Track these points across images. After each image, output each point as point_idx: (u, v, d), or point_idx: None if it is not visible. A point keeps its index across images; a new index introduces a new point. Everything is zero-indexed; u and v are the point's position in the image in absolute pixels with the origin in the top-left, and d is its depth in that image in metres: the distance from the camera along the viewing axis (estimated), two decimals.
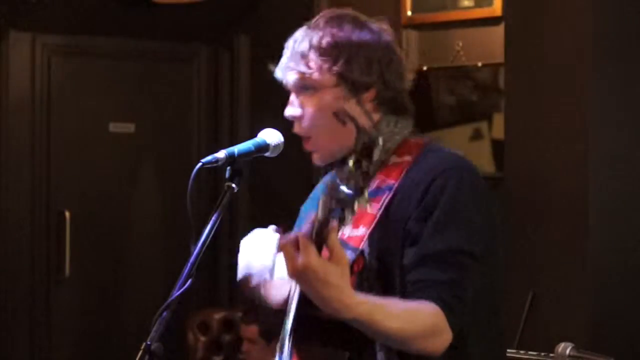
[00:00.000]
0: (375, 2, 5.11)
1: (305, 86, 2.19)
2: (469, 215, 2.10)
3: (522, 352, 3.29)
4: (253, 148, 2.18)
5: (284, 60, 2.21)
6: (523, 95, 4.15)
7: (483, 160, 4.88)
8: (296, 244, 1.88)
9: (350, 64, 2.16)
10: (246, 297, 2.25)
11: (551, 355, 3.04)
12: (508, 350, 3.32)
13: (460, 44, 4.91)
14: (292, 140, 2.30)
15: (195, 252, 2.06)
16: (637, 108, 3.88)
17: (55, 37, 5.78)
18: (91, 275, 5.81)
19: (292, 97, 2.22)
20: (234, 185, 2.13)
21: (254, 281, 2.26)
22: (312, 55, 2.17)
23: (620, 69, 3.87)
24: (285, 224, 2.21)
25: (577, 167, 3.87)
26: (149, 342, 1.94)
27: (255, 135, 2.24)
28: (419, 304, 2.01)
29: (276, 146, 2.23)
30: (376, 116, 2.20)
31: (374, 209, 2.06)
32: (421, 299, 2.02)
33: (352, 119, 1.94)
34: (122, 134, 5.92)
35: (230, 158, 2.13)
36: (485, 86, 4.97)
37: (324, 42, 2.17)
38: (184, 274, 2.03)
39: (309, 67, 2.17)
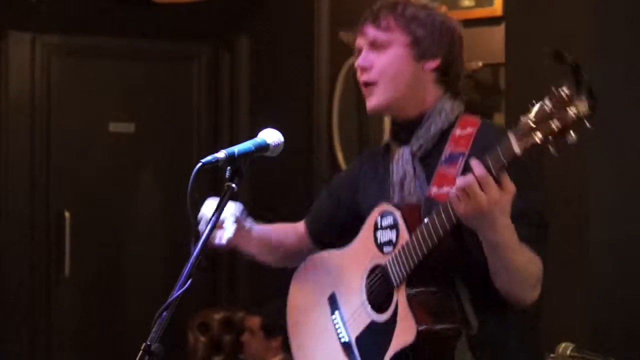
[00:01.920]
0: (376, 2, 5.11)
1: (378, 43, 2.42)
2: (538, 181, 2.32)
3: None
4: (253, 148, 2.19)
5: (361, 24, 2.46)
6: (523, 95, 4.14)
7: None
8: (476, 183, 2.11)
9: (423, 29, 2.42)
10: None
11: (551, 355, 3.04)
12: None
13: None
14: (292, 140, 2.30)
15: (195, 252, 2.06)
16: (638, 108, 3.88)
17: (55, 37, 5.79)
18: (91, 275, 5.81)
19: (365, 51, 2.44)
20: (234, 185, 2.13)
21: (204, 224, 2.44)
22: (391, 17, 2.42)
23: (621, 69, 3.87)
24: None
25: (577, 167, 3.87)
26: (149, 343, 1.94)
27: (255, 135, 2.24)
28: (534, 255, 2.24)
29: (276, 146, 2.23)
30: (437, 91, 2.47)
31: (452, 171, 2.30)
32: None
33: None
34: (122, 134, 5.92)
35: (230, 158, 2.13)
36: (485, 86, 4.97)
37: (403, 9, 2.43)
38: (184, 274, 2.03)
39: (385, 25, 2.41)
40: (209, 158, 2.11)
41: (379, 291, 2.38)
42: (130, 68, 5.96)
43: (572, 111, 2.04)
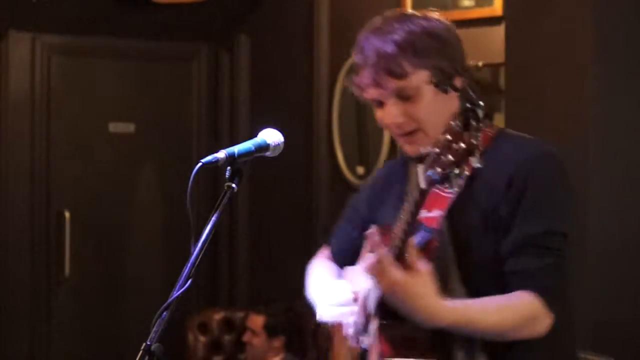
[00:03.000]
0: (376, 2, 5.10)
1: (405, 94, 2.23)
2: (559, 197, 2.19)
3: None
4: (253, 148, 2.18)
5: (370, 73, 2.24)
6: (523, 95, 4.14)
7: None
8: (380, 264, 2.03)
9: (438, 56, 2.24)
10: None
11: None
12: None
13: None
14: (292, 140, 2.30)
15: (195, 252, 2.06)
16: (638, 108, 3.88)
17: (55, 37, 5.78)
18: (91, 275, 5.81)
19: (391, 103, 2.24)
20: (234, 185, 2.13)
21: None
22: (403, 58, 2.21)
23: (621, 68, 3.86)
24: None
25: (577, 167, 3.86)
26: (149, 343, 1.94)
27: (255, 135, 2.24)
28: (512, 296, 2.12)
29: (276, 146, 2.23)
30: (456, 101, 2.23)
31: (448, 192, 2.10)
32: (518, 288, 2.11)
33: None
34: (122, 134, 5.92)
35: (230, 158, 2.13)
36: (485, 86, 4.97)
37: (410, 40, 2.22)
38: (184, 274, 2.03)
39: (404, 73, 2.20)
40: (209, 158, 2.11)
41: (366, 315, 2.28)
42: (130, 68, 5.96)
43: (459, 146, 1.89)
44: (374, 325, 2.20)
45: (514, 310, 2.12)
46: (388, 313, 2.14)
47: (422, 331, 2.11)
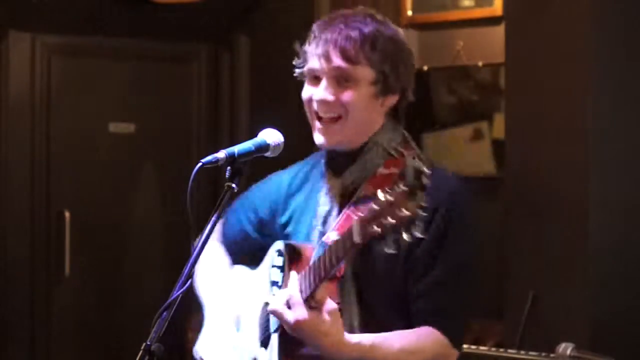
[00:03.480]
0: (376, 2, 5.10)
1: (344, 77, 2.22)
2: (468, 232, 2.20)
3: (522, 352, 3.29)
4: (253, 148, 2.18)
5: (324, 45, 2.23)
6: (523, 95, 4.14)
7: (483, 160, 4.88)
8: (287, 303, 2.07)
9: (390, 65, 2.23)
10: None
11: (552, 355, 3.04)
12: (509, 350, 3.32)
13: (461, 43, 4.91)
14: (292, 140, 2.30)
15: (195, 252, 2.06)
16: (638, 108, 3.88)
17: (55, 37, 5.78)
18: (91, 275, 5.81)
19: (324, 83, 2.24)
20: (234, 185, 2.13)
21: None
22: (364, 48, 2.20)
23: (621, 68, 3.86)
24: None
25: (577, 166, 3.86)
26: (149, 342, 1.94)
27: (255, 135, 2.24)
28: (419, 334, 2.14)
29: (276, 146, 2.23)
30: (380, 121, 2.27)
31: (357, 216, 2.05)
32: (425, 325, 2.14)
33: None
34: (122, 134, 5.92)
35: (230, 158, 2.13)
36: (485, 86, 4.97)
37: (375, 36, 2.21)
38: (184, 274, 2.03)
39: (355, 60, 2.20)
40: (209, 158, 2.11)
41: (266, 328, 2.27)
42: (131, 68, 5.96)
43: (403, 213, 1.84)
44: (274, 343, 2.20)
45: (421, 348, 2.13)
46: (289, 335, 2.14)
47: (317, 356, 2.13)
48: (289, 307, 2.07)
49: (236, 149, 2.15)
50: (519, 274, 4.09)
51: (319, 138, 2.27)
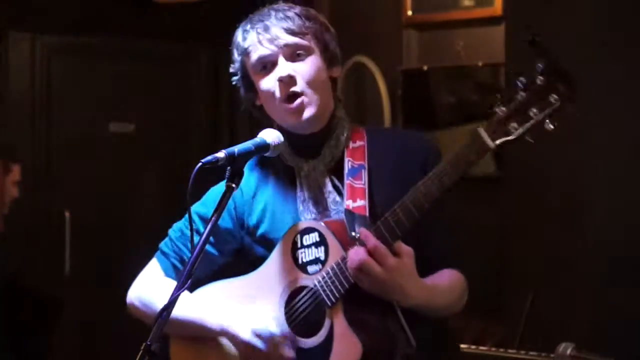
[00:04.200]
0: (376, 2, 5.10)
1: (298, 50, 2.29)
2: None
3: (522, 352, 3.29)
4: (253, 148, 2.19)
5: (264, 31, 2.32)
6: None
7: (483, 160, 4.88)
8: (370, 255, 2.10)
9: (329, 35, 2.35)
10: None
11: (551, 355, 3.04)
12: (509, 350, 3.33)
13: (461, 43, 4.91)
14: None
15: (195, 252, 2.06)
16: (638, 107, 3.88)
17: (55, 37, 5.78)
18: (91, 275, 5.81)
19: (282, 61, 2.30)
20: (234, 185, 2.13)
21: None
22: (303, 21, 2.30)
23: (620, 68, 3.87)
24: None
25: (577, 167, 3.87)
26: (149, 342, 1.94)
27: (255, 136, 2.24)
28: (451, 275, 2.29)
29: (276, 146, 2.23)
30: (331, 94, 2.37)
31: (359, 184, 2.25)
32: (447, 267, 2.30)
33: None
34: (122, 134, 5.92)
35: (230, 158, 2.13)
36: (485, 86, 4.97)
37: (304, 12, 2.33)
38: (184, 274, 2.03)
39: (301, 32, 2.29)
40: (209, 158, 2.11)
41: (306, 315, 2.24)
42: (130, 68, 5.96)
43: (552, 97, 1.97)
44: (337, 317, 2.18)
45: (456, 288, 2.30)
46: (353, 304, 2.18)
47: (393, 318, 2.18)
48: (377, 261, 2.10)
49: (236, 149, 2.15)
50: (519, 274, 4.10)
51: (293, 118, 2.30)
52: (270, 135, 2.23)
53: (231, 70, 2.46)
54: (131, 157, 5.94)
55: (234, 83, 2.46)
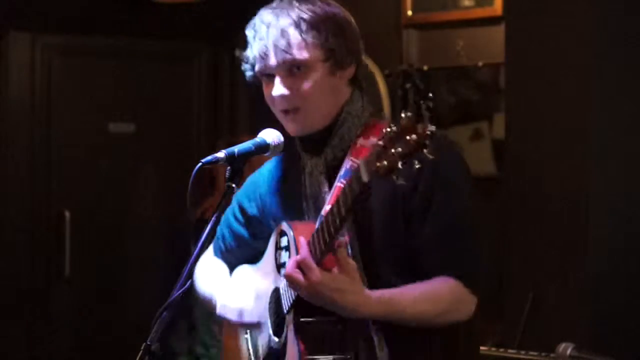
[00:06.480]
0: (376, 2, 5.10)
1: (295, 66, 2.20)
2: (461, 187, 2.23)
3: (522, 352, 3.29)
4: (253, 148, 2.19)
5: (262, 45, 2.21)
6: (523, 95, 4.14)
7: (483, 160, 4.88)
8: (298, 267, 2.05)
9: (335, 38, 2.20)
10: None
11: (552, 355, 3.04)
12: (509, 350, 3.33)
13: (461, 43, 4.91)
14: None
15: (195, 252, 2.06)
16: (638, 107, 3.88)
17: (55, 37, 5.78)
18: (91, 275, 5.81)
19: (277, 80, 2.22)
20: (234, 185, 2.13)
21: None
22: (298, 33, 2.18)
23: (621, 68, 3.87)
24: None
25: (577, 167, 3.87)
26: (149, 342, 1.95)
27: (255, 135, 2.24)
28: (434, 283, 2.13)
29: (276, 146, 2.23)
30: (347, 92, 2.25)
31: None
32: (439, 275, 2.13)
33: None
34: (122, 134, 5.92)
35: (230, 158, 2.13)
36: (485, 86, 4.97)
37: (308, 17, 2.19)
38: (184, 274, 2.03)
39: (297, 47, 2.18)
40: (209, 158, 2.11)
41: (277, 314, 2.26)
42: (130, 68, 5.96)
43: (411, 137, 1.80)
44: (289, 324, 2.18)
45: (438, 296, 2.13)
46: (304, 311, 2.14)
47: (334, 329, 2.13)
48: (303, 273, 2.05)
49: (236, 149, 2.15)
50: (519, 274, 4.09)
51: (289, 127, 2.26)
52: (270, 135, 2.23)
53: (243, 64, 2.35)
54: (131, 157, 5.94)
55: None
